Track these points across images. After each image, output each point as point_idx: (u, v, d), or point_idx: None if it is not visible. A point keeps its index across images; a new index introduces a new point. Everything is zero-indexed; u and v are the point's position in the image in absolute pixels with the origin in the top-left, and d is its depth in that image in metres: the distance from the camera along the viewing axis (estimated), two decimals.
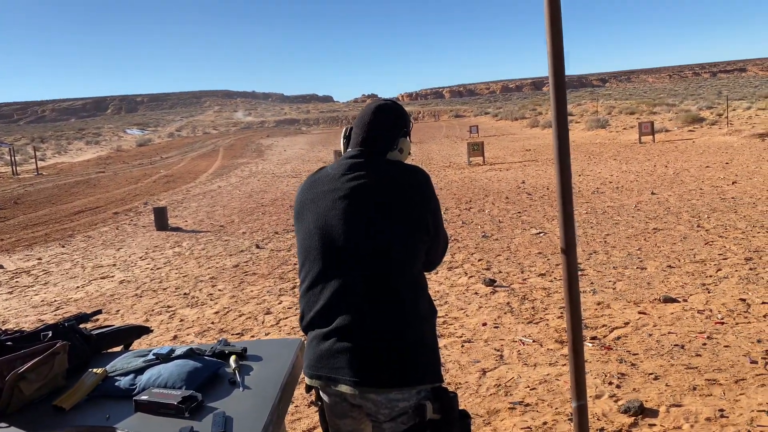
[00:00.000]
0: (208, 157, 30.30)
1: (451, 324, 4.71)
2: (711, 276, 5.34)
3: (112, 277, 7.26)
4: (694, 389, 3.29)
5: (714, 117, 23.78)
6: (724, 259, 5.83)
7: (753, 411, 3.01)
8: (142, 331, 2.39)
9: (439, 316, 4.71)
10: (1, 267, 8.16)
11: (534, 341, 4.20)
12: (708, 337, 3.99)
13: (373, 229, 1.60)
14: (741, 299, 4.66)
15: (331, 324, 1.59)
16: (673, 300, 4.78)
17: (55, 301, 6.35)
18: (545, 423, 3.08)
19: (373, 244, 1.59)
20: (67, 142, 52.43)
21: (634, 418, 3.04)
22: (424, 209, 1.66)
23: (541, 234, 7.68)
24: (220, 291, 6.21)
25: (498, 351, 4.09)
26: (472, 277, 5.98)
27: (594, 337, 4.16)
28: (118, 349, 2.24)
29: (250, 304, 5.65)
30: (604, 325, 4.37)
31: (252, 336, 4.78)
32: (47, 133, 73.71)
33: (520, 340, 4.23)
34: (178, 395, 1.65)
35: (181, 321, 5.33)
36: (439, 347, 2.95)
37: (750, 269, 5.42)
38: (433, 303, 1.70)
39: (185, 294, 6.21)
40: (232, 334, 4.85)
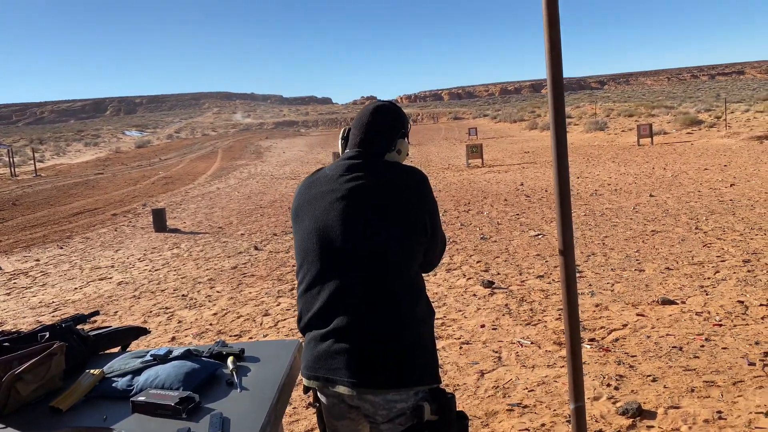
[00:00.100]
0: (206, 158, 30.27)
1: (450, 325, 4.70)
2: (709, 278, 5.34)
3: (110, 278, 7.25)
4: (692, 391, 3.29)
5: (712, 119, 23.84)
6: (722, 261, 5.83)
7: (751, 413, 3.01)
8: (139, 332, 2.39)
9: (437, 318, 4.70)
10: None
11: (532, 343, 4.20)
12: (706, 339, 3.99)
13: (370, 231, 1.60)
14: (739, 301, 4.67)
15: (328, 325, 1.59)
16: (672, 302, 4.78)
17: (53, 302, 6.34)
18: (543, 425, 3.08)
19: (370, 245, 1.59)
20: (65, 144, 52.36)
21: (632, 419, 3.04)
22: (422, 210, 1.66)
23: (540, 236, 7.68)
24: (218, 292, 6.21)
25: (496, 352, 4.09)
26: (470, 278, 5.98)
27: (592, 339, 4.16)
28: (115, 350, 2.23)
29: (248, 306, 5.65)
30: (602, 327, 4.37)
31: (250, 337, 4.77)
32: (46, 135, 73.70)
33: (519, 342, 4.23)
34: (176, 396, 1.65)
35: (179, 322, 5.32)
36: (438, 349, 2.95)
37: (748, 271, 5.43)
38: (431, 304, 1.70)
39: (183, 295, 6.20)
40: (230, 336, 4.85)
